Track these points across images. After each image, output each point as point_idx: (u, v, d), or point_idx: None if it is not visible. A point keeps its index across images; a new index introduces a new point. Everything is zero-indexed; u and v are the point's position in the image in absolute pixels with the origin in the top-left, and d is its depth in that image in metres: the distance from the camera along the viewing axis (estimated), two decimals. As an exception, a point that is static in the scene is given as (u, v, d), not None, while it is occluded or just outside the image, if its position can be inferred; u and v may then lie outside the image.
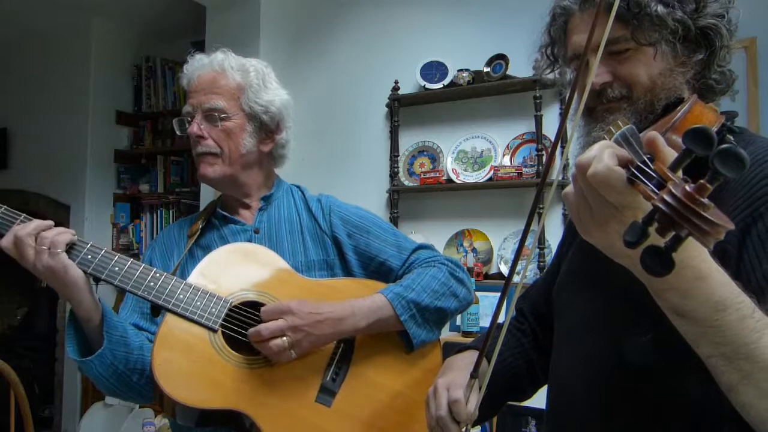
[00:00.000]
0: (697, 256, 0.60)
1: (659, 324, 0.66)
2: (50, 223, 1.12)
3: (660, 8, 0.79)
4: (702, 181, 0.49)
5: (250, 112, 1.30)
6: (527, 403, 1.13)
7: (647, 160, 0.55)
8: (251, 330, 1.13)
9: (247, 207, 1.37)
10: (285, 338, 1.13)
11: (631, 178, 0.55)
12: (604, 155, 0.58)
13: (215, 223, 1.36)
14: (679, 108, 0.77)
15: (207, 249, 1.30)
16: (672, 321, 0.64)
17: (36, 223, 1.10)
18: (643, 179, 0.54)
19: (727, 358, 0.62)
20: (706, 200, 0.48)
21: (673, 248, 0.49)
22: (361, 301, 1.21)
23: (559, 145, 1.35)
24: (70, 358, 1.15)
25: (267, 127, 1.34)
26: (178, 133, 1.34)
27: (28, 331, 4.45)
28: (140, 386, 1.19)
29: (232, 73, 1.30)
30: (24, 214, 1.14)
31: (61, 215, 3.95)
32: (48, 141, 4.12)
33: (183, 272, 1.28)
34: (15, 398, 1.88)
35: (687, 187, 0.49)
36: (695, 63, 0.84)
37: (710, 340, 0.62)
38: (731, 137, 0.79)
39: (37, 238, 1.08)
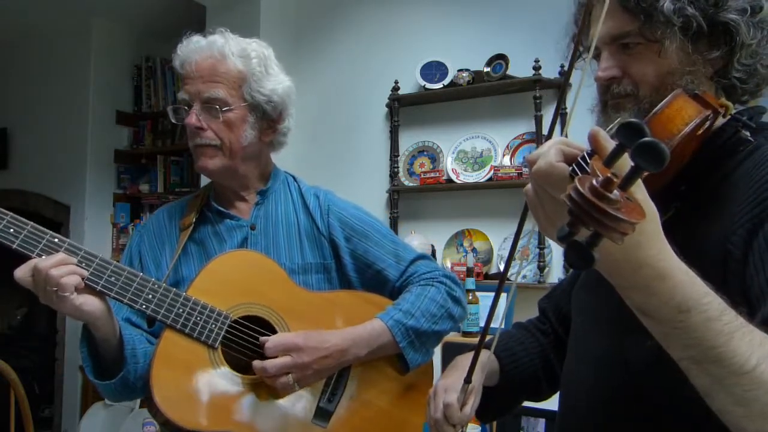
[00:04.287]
0: (655, 255, 0.58)
1: None
2: (61, 258, 1.02)
3: (668, 4, 0.75)
4: (609, 174, 0.47)
5: (253, 102, 1.23)
6: (528, 403, 1.13)
7: (586, 156, 0.55)
8: (257, 365, 1.12)
9: (243, 200, 1.32)
10: (291, 375, 1.13)
11: (572, 174, 0.55)
12: (550, 152, 0.58)
13: (209, 217, 1.30)
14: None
15: (201, 244, 1.27)
16: (641, 321, 0.63)
17: (53, 260, 1.01)
18: (579, 174, 0.53)
19: (696, 361, 0.60)
20: (614, 194, 0.46)
21: (592, 243, 0.47)
22: (361, 329, 1.21)
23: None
24: (90, 378, 1.15)
25: (269, 117, 1.27)
26: (173, 121, 1.28)
27: (28, 331, 4.45)
28: (142, 390, 1.18)
29: (233, 60, 1.21)
30: (51, 232, 1.07)
31: (61, 215, 3.95)
32: (48, 141, 4.11)
33: (177, 270, 1.25)
34: (15, 398, 1.88)
35: (594, 181, 0.47)
36: (710, 61, 0.79)
37: (678, 342, 0.61)
38: (747, 133, 0.76)
39: (47, 277, 0.99)
